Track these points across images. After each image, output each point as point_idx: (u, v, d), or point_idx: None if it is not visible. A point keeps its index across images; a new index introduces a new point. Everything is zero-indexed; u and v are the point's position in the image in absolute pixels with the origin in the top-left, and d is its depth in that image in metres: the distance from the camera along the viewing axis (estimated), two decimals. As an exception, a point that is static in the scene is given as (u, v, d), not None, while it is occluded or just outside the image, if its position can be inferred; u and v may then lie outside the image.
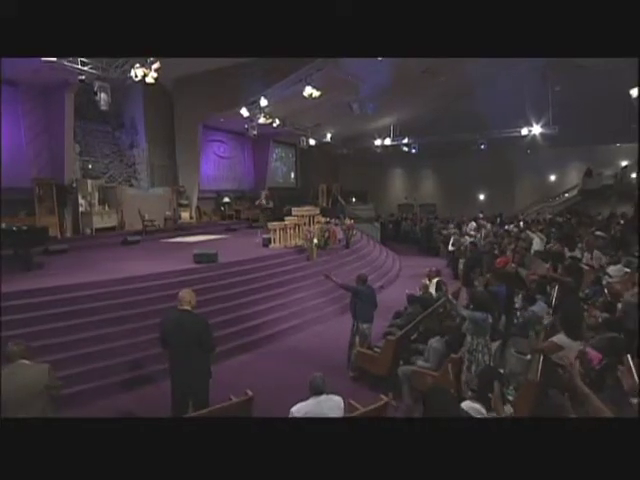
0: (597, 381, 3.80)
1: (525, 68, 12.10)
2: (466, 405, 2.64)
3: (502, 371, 4.49)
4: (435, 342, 4.59)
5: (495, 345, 4.83)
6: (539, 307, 5.40)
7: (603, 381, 3.90)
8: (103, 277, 6.27)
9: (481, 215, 15.53)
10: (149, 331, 5.24)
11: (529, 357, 4.37)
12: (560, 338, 3.59)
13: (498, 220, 15.34)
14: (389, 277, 10.39)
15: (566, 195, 18.43)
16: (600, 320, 4.91)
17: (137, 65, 8.50)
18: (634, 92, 10.32)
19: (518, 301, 5.90)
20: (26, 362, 2.91)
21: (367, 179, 21.99)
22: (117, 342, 5.34)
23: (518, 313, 5.60)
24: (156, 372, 4.97)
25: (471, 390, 3.07)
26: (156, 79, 8.90)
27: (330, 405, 3.10)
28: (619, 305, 5.37)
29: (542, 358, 3.77)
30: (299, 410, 3.03)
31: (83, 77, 8.51)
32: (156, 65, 8.63)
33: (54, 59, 7.58)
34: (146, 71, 8.58)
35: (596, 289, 6.33)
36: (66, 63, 8.04)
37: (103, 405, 4.57)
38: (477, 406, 2.61)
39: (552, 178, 19.31)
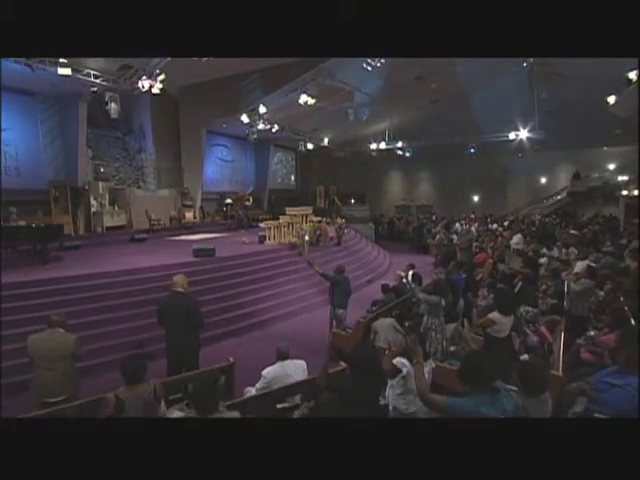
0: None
1: (512, 75, 12.69)
2: (395, 360, 3.32)
3: (454, 348, 5.17)
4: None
5: (452, 326, 5.49)
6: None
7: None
8: (112, 268, 7.00)
9: (472, 216, 16.14)
10: (151, 315, 5.80)
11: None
12: (494, 315, 4.24)
13: (488, 220, 15.94)
14: (378, 272, 11.07)
15: (558, 197, 18.95)
16: (549, 306, 5.62)
17: (144, 77, 9.34)
18: (611, 99, 10.85)
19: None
20: (61, 330, 3.65)
21: (365, 181, 22.64)
22: (123, 324, 6.02)
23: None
24: (156, 350, 5.47)
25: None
26: (162, 90, 9.74)
27: (292, 368, 3.79)
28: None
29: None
30: (268, 372, 3.72)
31: (95, 88, 9.36)
32: (161, 77, 9.47)
33: (69, 73, 8.41)
34: (152, 82, 9.42)
35: (556, 282, 7.00)
36: (80, 76, 8.90)
37: (110, 377, 4.90)
38: (404, 360, 3.27)
39: (543, 180, 19.86)
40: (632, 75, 9.51)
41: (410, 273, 7.34)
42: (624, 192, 14.81)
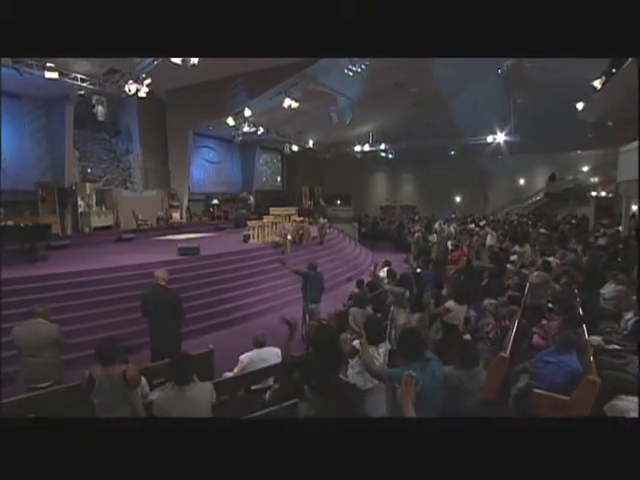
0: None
1: (490, 80, 13.21)
2: (354, 342, 3.70)
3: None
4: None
5: (417, 316, 5.88)
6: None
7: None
8: (98, 266, 7.24)
9: (453, 216, 16.71)
10: (135, 310, 5.74)
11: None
12: (450, 303, 4.66)
13: (469, 219, 16.53)
14: (359, 270, 11.45)
15: (537, 198, 19.67)
16: (508, 297, 6.08)
17: (130, 81, 9.58)
18: (579, 106, 11.43)
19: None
20: (42, 321, 3.91)
21: (351, 183, 23.06)
22: (108, 319, 6.26)
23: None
24: (138, 344, 5.69)
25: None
26: (148, 93, 9.98)
27: (268, 353, 4.15)
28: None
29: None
30: (245, 357, 4.09)
31: (82, 92, 9.56)
32: (147, 81, 9.71)
33: (57, 76, 8.61)
34: (139, 86, 9.66)
35: (521, 276, 7.48)
36: (67, 80, 9.11)
37: (94, 369, 5.39)
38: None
39: (521, 182, 20.61)
40: (596, 83, 10.08)
41: (385, 269, 7.75)
42: (593, 193, 15.57)
